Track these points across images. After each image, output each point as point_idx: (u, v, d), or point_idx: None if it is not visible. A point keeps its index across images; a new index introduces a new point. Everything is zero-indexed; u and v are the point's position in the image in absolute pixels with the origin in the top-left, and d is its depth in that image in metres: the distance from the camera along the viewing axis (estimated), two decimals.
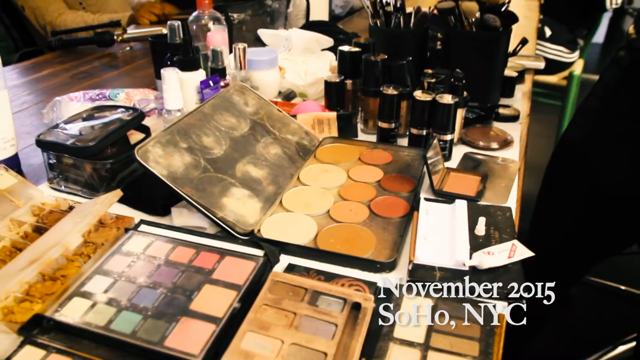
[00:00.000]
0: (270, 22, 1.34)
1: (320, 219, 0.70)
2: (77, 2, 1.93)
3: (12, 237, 0.68)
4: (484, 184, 0.78)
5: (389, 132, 0.90)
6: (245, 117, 0.83)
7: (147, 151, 0.67)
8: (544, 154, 3.05)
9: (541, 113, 3.49)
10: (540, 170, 3.21)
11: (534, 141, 3.37)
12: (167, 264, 0.60)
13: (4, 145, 0.83)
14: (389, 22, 1.06)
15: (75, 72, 1.37)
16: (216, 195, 0.68)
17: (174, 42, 0.91)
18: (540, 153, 3.08)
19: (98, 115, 0.85)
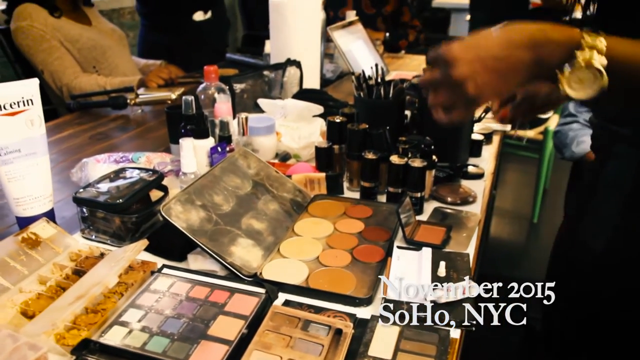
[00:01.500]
0: (268, 90, 1.52)
1: (311, 263, 0.85)
2: (91, 66, 2.11)
3: (57, 278, 0.82)
4: (449, 234, 0.94)
5: (370, 190, 1.06)
6: (248, 178, 0.99)
7: (170, 208, 0.83)
8: (525, 202, 3.22)
9: (520, 164, 3.71)
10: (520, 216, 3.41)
11: (516, 191, 3.55)
12: (188, 299, 0.74)
13: (44, 201, 0.98)
14: (371, 93, 1.24)
15: (93, 133, 1.54)
16: (226, 244, 0.83)
17: (188, 113, 1.08)
18: (521, 201, 3.27)
19: (123, 175, 1.00)
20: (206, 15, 2.76)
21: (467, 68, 0.66)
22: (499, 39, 0.66)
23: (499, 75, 0.66)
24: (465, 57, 0.66)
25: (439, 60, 0.69)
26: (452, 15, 6.20)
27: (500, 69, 0.66)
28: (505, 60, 0.65)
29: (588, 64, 0.62)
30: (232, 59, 2.45)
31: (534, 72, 0.66)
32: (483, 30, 0.68)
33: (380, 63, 2.04)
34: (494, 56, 0.65)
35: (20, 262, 0.84)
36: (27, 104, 0.94)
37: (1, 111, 0.91)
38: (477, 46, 0.67)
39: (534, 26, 0.66)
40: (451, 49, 0.67)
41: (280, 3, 1.63)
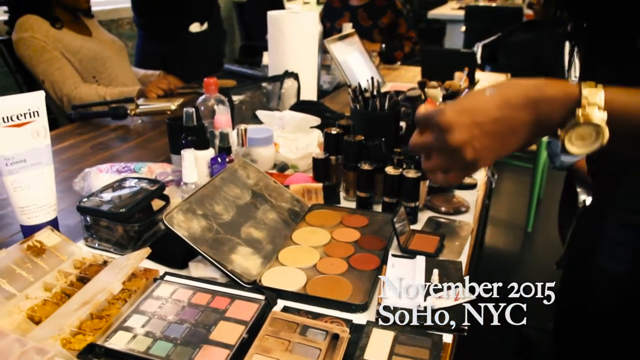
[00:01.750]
0: (266, 102, 1.55)
1: (308, 271, 0.87)
2: (91, 77, 2.14)
3: (62, 285, 0.85)
4: (442, 242, 0.97)
5: (366, 200, 1.09)
6: (248, 188, 1.02)
7: (172, 217, 0.85)
8: (520, 211, 3.25)
9: (515, 174, 3.74)
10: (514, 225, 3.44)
11: (510, 200, 3.59)
12: (190, 305, 0.77)
13: (48, 210, 1.01)
14: (367, 105, 1.27)
15: (94, 143, 1.56)
16: (226, 252, 0.86)
17: (189, 124, 1.11)
18: (516, 211, 3.31)
19: (125, 185, 1.03)
20: (202, 26, 2.80)
21: (464, 134, 0.63)
22: (495, 100, 0.63)
23: (498, 138, 0.64)
24: (461, 123, 0.63)
25: (430, 124, 0.66)
26: (447, 26, 6.27)
27: (499, 131, 0.63)
28: (504, 122, 0.63)
29: (588, 121, 0.60)
30: (230, 70, 2.49)
31: (533, 131, 0.64)
32: (475, 92, 0.66)
33: (376, 75, 2.08)
34: (492, 119, 0.63)
35: (26, 269, 0.86)
36: (33, 116, 0.97)
37: (8, 122, 0.94)
38: (473, 110, 0.63)
39: (529, 83, 0.64)
40: (445, 114, 0.64)
41: (279, 17, 1.67)
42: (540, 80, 0.64)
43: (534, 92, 0.62)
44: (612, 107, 0.60)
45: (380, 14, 3.32)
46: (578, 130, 0.61)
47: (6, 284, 0.82)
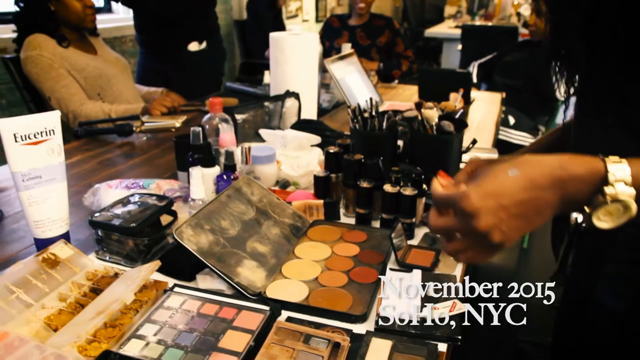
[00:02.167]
0: (268, 120, 1.60)
1: (310, 283, 0.92)
2: (96, 94, 2.20)
3: (76, 295, 0.89)
4: (438, 257, 1.01)
5: (365, 216, 1.14)
6: (252, 204, 1.07)
7: (182, 232, 0.90)
8: None
9: None
10: None
11: None
12: (199, 315, 0.81)
13: (61, 224, 1.05)
14: (366, 125, 1.32)
15: (101, 159, 1.61)
16: (232, 265, 0.90)
17: (196, 143, 1.16)
18: None
19: (135, 201, 1.08)
20: (201, 45, 2.89)
21: (491, 219, 0.62)
22: (519, 182, 0.62)
23: (524, 219, 0.63)
24: (487, 207, 0.62)
25: (454, 208, 0.66)
26: (444, 44, 6.36)
27: (525, 213, 0.63)
28: (531, 204, 0.62)
29: (616, 199, 0.60)
30: (232, 88, 2.54)
31: (559, 209, 0.63)
32: (498, 171, 0.64)
33: (374, 93, 2.14)
34: (519, 201, 0.62)
35: (41, 280, 0.90)
36: (49, 134, 1.02)
37: (26, 140, 0.98)
38: (498, 193, 0.62)
39: (553, 162, 0.63)
40: (469, 199, 0.63)
41: (280, 38, 1.73)
42: (563, 157, 0.63)
43: (559, 171, 0.62)
44: (639, 181, 0.61)
45: (378, 34, 3.39)
46: (606, 208, 0.61)
47: (23, 294, 0.87)
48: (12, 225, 1.19)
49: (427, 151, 1.29)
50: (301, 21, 5.92)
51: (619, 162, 0.61)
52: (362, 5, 3.34)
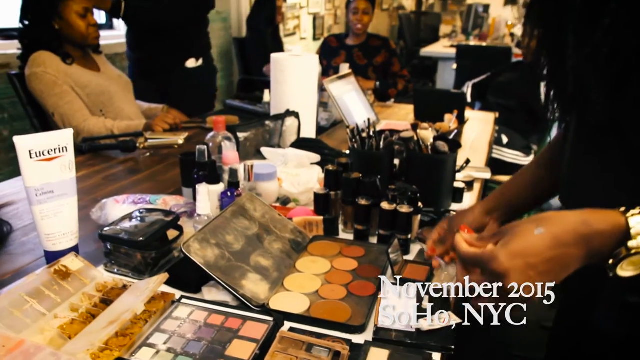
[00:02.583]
0: (269, 139, 1.66)
1: (311, 296, 0.97)
2: (99, 110, 2.25)
3: (87, 306, 0.93)
4: (432, 272, 1.06)
5: (363, 232, 1.19)
6: (255, 220, 1.12)
7: (189, 246, 0.95)
8: None
9: None
10: None
11: None
12: (206, 325, 0.86)
13: (71, 237, 1.09)
14: (364, 145, 1.38)
15: (105, 174, 1.66)
16: (237, 278, 0.95)
17: (202, 161, 1.21)
18: None
19: (143, 216, 1.12)
20: (198, 62, 2.96)
21: (520, 277, 0.66)
22: (546, 240, 0.65)
23: (552, 275, 0.67)
24: (516, 267, 0.66)
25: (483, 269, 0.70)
26: (439, 63, 6.46)
27: (552, 269, 0.66)
28: (557, 261, 0.66)
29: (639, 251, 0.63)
30: (232, 105, 2.60)
31: (584, 263, 0.67)
32: (524, 230, 0.67)
33: (371, 113, 2.20)
34: (546, 259, 0.65)
35: (53, 291, 0.94)
36: (62, 151, 1.06)
37: (40, 157, 1.03)
38: (525, 253, 0.66)
39: (576, 219, 0.66)
40: (499, 261, 0.67)
41: (282, 59, 1.79)
42: (586, 214, 0.66)
43: (583, 228, 0.65)
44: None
45: (375, 54, 3.47)
46: (630, 259, 0.64)
47: (37, 304, 0.91)
48: (22, 238, 1.23)
49: (422, 170, 1.34)
50: (299, 39, 6.01)
51: (638, 215, 0.64)
52: (359, 26, 3.41)
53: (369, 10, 3.43)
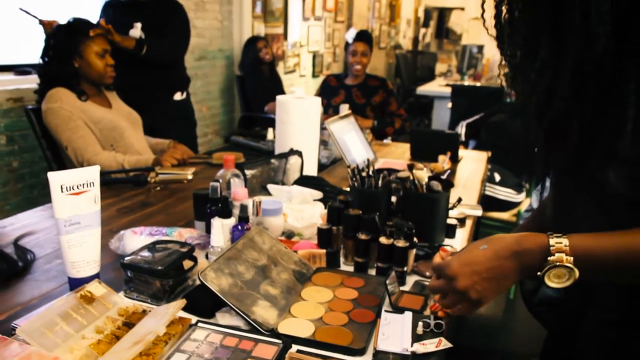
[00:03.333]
0: (273, 176, 1.77)
1: (316, 322, 1.06)
2: (109, 145, 2.36)
3: (111, 328, 1.02)
4: (426, 301, 1.16)
5: (363, 265, 1.29)
6: (264, 252, 1.21)
7: (206, 274, 1.04)
8: None
9: None
10: None
11: None
12: (222, 347, 0.95)
13: (94, 265, 1.19)
14: (364, 183, 1.48)
15: (119, 207, 1.76)
16: (249, 305, 1.04)
17: (215, 196, 1.31)
18: None
19: (160, 246, 1.22)
20: (182, 95, 3.13)
21: (467, 280, 0.84)
22: (487, 253, 0.84)
23: (493, 282, 0.84)
24: (463, 272, 0.85)
25: (442, 274, 0.90)
26: (434, 101, 6.62)
27: (493, 277, 0.83)
28: (496, 270, 0.83)
29: (559, 264, 0.78)
30: (236, 142, 2.72)
31: (520, 275, 0.83)
32: (473, 246, 0.87)
33: (369, 151, 2.31)
34: (487, 268, 0.83)
35: (80, 314, 1.04)
36: (90, 186, 1.17)
37: (70, 191, 1.13)
38: (471, 262, 0.85)
39: (512, 238, 0.83)
40: (450, 266, 0.87)
41: (286, 101, 1.91)
42: (520, 236, 0.83)
43: (516, 246, 0.82)
44: (575, 251, 0.78)
45: (373, 93, 3.61)
46: (554, 272, 0.79)
47: (65, 325, 1.00)
48: (45, 266, 1.32)
49: (418, 208, 1.45)
50: (298, 76, 6.19)
51: (559, 237, 0.79)
52: (358, 67, 3.57)
53: (367, 53, 3.58)
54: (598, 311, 0.93)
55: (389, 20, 9.52)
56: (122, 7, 2.96)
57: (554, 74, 0.79)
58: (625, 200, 0.78)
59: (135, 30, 2.80)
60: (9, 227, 1.57)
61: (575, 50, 0.76)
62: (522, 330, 2.94)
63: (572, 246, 0.79)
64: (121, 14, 2.90)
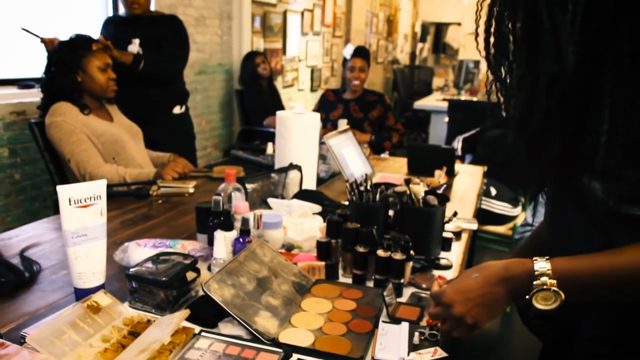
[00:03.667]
0: (273, 190, 1.81)
1: (316, 332, 1.09)
2: (111, 157, 2.39)
3: (117, 337, 1.06)
4: (423, 312, 1.19)
5: (361, 277, 1.33)
6: (265, 264, 1.25)
7: (210, 285, 1.08)
8: None
9: (493, 257, 3.99)
10: None
11: None
12: (225, 355, 0.98)
13: (99, 276, 1.22)
14: (362, 197, 1.52)
15: (122, 219, 1.79)
16: (251, 315, 1.08)
17: (217, 210, 1.35)
18: None
19: (164, 258, 1.25)
20: (182, 109, 3.17)
21: (462, 307, 0.90)
22: (479, 281, 0.90)
23: (486, 307, 0.90)
24: (458, 300, 0.91)
25: (439, 301, 0.96)
26: (431, 115, 6.69)
27: (486, 302, 0.89)
28: (488, 296, 0.89)
29: (545, 287, 0.83)
30: (236, 156, 2.76)
31: (510, 299, 0.89)
32: (466, 274, 0.93)
33: (367, 165, 2.36)
34: (479, 295, 0.89)
35: (87, 323, 1.07)
36: (97, 199, 1.20)
37: (78, 204, 1.17)
38: (464, 290, 0.91)
39: (500, 266, 0.89)
40: (446, 294, 0.93)
41: (286, 117, 1.96)
42: (509, 262, 0.89)
43: (504, 272, 0.88)
44: (558, 274, 0.83)
45: (370, 108, 3.66)
46: (540, 295, 0.84)
47: (73, 334, 1.03)
48: (50, 277, 1.35)
49: (414, 221, 1.49)
50: (297, 90, 6.25)
51: (543, 261, 0.84)
52: (356, 82, 3.62)
53: (364, 68, 3.64)
54: (592, 326, 0.95)
55: (386, 35, 9.62)
56: (123, 23, 3.02)
57: (531, 90, 0.85)
58: (615, 216, 0.82)
59: (134, 46, 2.86)
60: (14, 238, 1.60)
61: (546, 67, 0.82)
62: (518, 343, 2.97)
63: (555, 270, 0.83)
64: (122, 30, 2.96)
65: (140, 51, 2.86)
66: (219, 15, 4.63)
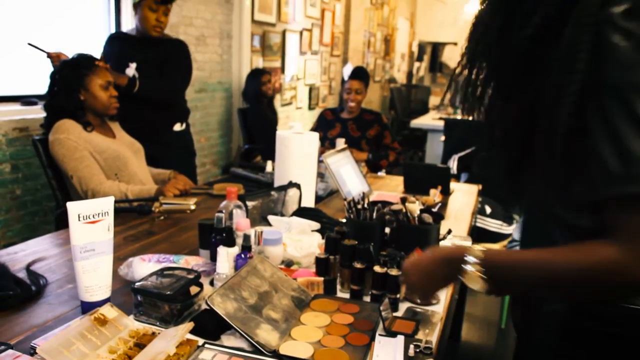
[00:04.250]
0: (273, 207, 1.86)
1: (315, 345, 1.13)
2: (114, 174, 2.44)
3: (124, 349, 1.10)
4: (417, 326, 1.24)
5: (358, 292, 1.37)
6: (265, 279, 1.30)
7: (213, 299, 1.12)
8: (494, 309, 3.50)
9: None
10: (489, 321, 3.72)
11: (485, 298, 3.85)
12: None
13: (105, 289, 1.27)
14: (359, 215, 1.57)
15: (125, 235, 1.84)
16: (252, 327, 1.12)
17: (220, 226, 1.40)
18: (490, 308, 3.56)
19: (168, 273, 1.30)
20: (182, 126, 3.22)
21: (413, 278, 1.08)
22: (429, 259, 1.04)
23: (430, 280, 1.05)
24: (411, 271, 1.08)
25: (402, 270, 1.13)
26: (428, 134, 6.75)
27: (430, 276, 1.04)
28: (432, 272, 1.04)
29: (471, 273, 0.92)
30: (236, 174, 2.81)
31: (450, 278, 1.03)
32: (425, 251, 1.07)
33: (364, 184, 2.41)
34: (426, 270, 1.04)
35: (94, 335, 1.11)
36: (104, 215, 1.25)
37: (86, 220, 1.22)
38: (417, 264, 1.07)
39: (449, 249, 1.10)
40: (405, 265, 1.10)
41: (285, 136, 2.02)
42: (452, 247, 1.10)
43: (446, 254, 1.02)
44: (485, 262, 0.91)
45: (368, 127, 3.73)
46: (468, 278, 0.93)
47: (81, 345, 1.07)
48: (57, 290, 1.39)
49: (410, 238, 1.54)
50: (295, 108, 6.32)
51: (474, 249, 0.93)
52: (352, 104, 3.69)
53: (361, 91, 3.71)
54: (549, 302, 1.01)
55: (383, 54, 9.74)
56: (129, 40, 3.07)
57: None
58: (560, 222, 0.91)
59: (130, 70, 2.92)
60: (20, 253, 1.64)
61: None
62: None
63: (485, 258, 0.91)
64: (127, 48, 3.01)
65: (136, 74, 2.90)
66: (219, 34, 4.71)
